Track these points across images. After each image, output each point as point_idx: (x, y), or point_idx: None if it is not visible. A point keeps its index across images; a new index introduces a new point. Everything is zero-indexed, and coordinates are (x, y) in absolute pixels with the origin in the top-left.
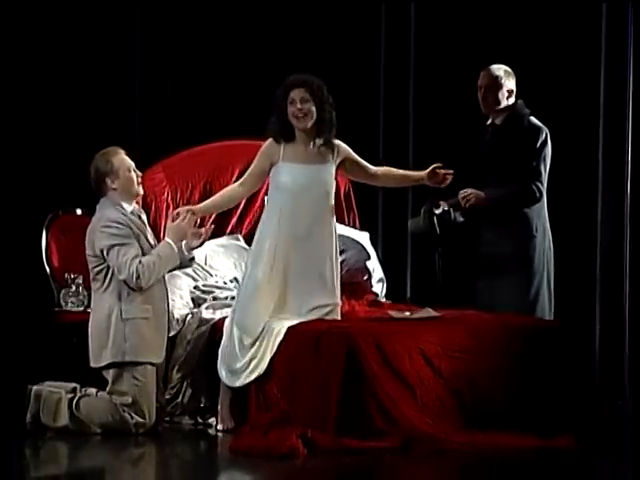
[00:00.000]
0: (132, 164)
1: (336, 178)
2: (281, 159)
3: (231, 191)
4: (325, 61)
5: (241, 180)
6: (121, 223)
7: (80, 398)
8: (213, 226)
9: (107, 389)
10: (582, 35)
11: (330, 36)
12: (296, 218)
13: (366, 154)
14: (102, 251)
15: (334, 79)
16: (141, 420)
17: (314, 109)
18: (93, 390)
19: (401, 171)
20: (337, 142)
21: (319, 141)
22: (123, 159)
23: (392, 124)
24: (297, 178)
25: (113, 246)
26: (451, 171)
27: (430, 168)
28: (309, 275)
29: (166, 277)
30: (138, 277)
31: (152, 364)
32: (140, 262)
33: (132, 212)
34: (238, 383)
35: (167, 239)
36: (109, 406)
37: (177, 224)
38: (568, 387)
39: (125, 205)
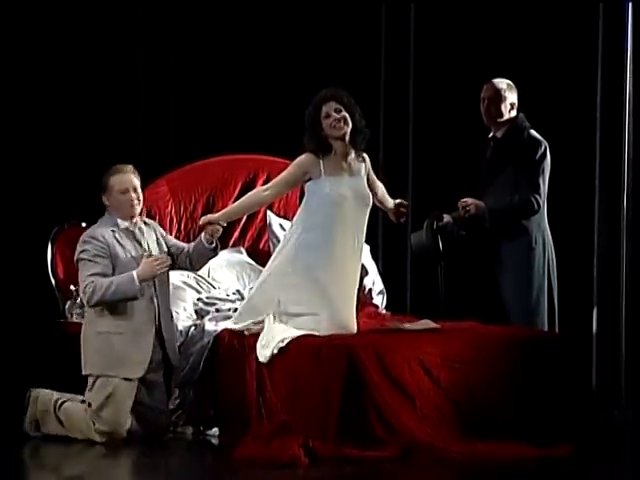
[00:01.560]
0: (132, 184)
1: None
2: (323, 174)
3: (256, 196)
4: (325, 68)
5: (268, 186)
6: (98, 240)
7: (63, 403)
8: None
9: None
10: (579, 47)
11: (331, 43)
12: (336, 235)
13: None
14: (76, 263)
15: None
16: (105, 429)
17: (348, 117)
18: (79, 397)
19: (386, 199)
20: (365, 155)
21: (354, 151)
22: (120, 179)
23: (392, 131)
24: (343, 189)
25: (81, 260)
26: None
27: (396, 202)
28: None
29: (162, 295)
30: (85, 293)
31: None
32: (93, 281)
33: (127, 228)
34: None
35: (134, 272)
36: (83, 413)
37: (149, 261)
38: (566, 397)
39: (120, 221)
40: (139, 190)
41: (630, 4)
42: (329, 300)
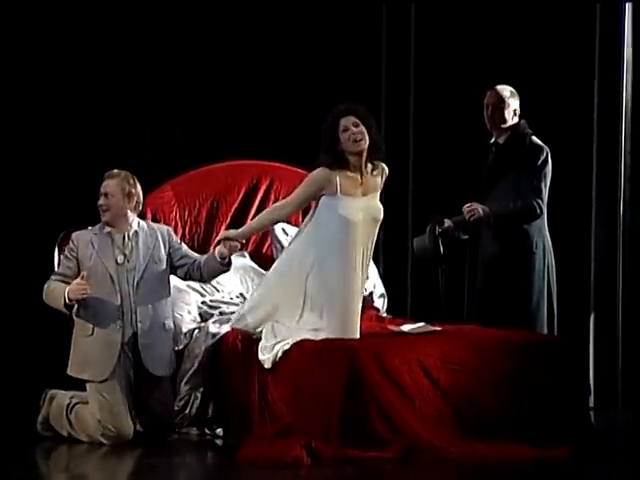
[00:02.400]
0: (105, 189)
1: None
2: (338, 191)
3: (273, 214)
4: (327, 74)
5: (284, 203)
6: (72, 242)
7: (75, 405)
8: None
9: None
10: (577, 55)
11: (332, 50)
12: (350, 252)
13: None
14: None
15: (335, 94)
16: (109, 433)
17: (366, 132)
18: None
19: None
20: (383, 165)
21: (371, 166)
22: (104, 184)
23: (393, 135)
24: (356, 212)
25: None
26: None
27: None
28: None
29: (148, 301)
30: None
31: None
32: (47, 283)
33: (108, 233)
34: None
35: (67, 287)
36: (92, 418)
37: (75, 283)
38: (564, 399)
39: (106, 226)
40: (114, 196)
41: (627, 6)
42: (337, 312)
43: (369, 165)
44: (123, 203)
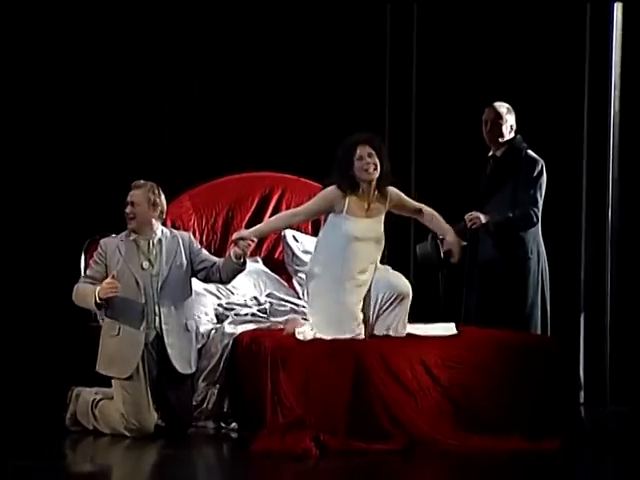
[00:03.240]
0: (130, 199)
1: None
2: (345, 211)
3: (285, 219)
4: (334, 94)
5: (296, 212)
6: (100, 248)
7: (100, 401)
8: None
9: None
10: (567, 70)
11: (338, 63)
12: (352, 265)
13: None
14: None
15: (342, 111)
16: (132, 427)
17: (379, 163)
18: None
19: (442, 224)
20: (389, 189)
21: (378, 193)
22: (130, 194)
23: (395, 148)
24: (359, 232)
25: None
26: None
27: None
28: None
29: (171, 303)
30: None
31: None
32: (77, 284)
33: (134, 240)
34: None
35: (98, 287)
36: (115, 412)
37: (104, 282)
38: (555, 395)
39: (132, 233)
40: (140, 205)
41: (615, 26)
42: (331, 329)
43: (377, 192)
44: (148, 212)
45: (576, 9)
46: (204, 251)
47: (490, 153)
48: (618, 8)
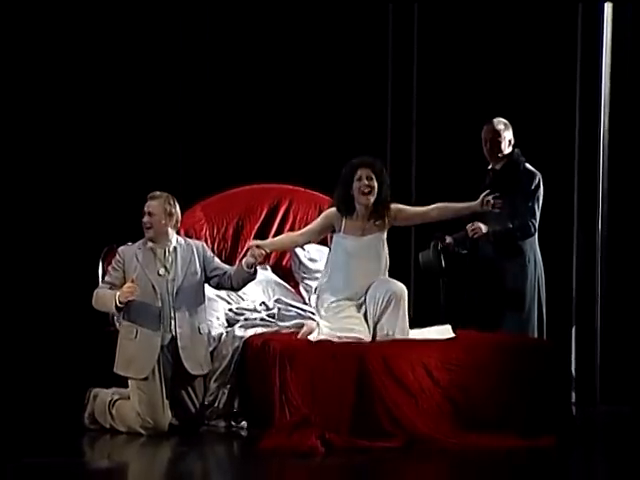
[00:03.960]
0: (147, 209)
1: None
2: (342, 231)
3: (292, 239)
4: (339, 110)
5: (302, 232)
6: (119, 255)
7: (116, 401)
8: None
9: None
10: (558, 85)
11: (340, 78)
12: (352, 280)
13: None
14: None
15: (344, 121)
16: (147, 425)
17: (376, 187)
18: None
19: (456, 205)
20: (391, 206)
21: (373, 218)
22: (147, 204)
23: (397, 162)
24: (354, 250)
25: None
26: (499, 200)
27: (480, 198)
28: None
29: (185, 307)
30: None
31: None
32: (97, 290)
33: (151, 248)
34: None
35: (118, 292)
36: (131, 411)
37: (126, 286)
38: (549, 395)
39: (149, 242)
40: (156, 215)
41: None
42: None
43: (373, 214)
44: (165, 221)
45: (567, 30)
46: (216, 259)
47: (490, 166)
48: (607, 30)
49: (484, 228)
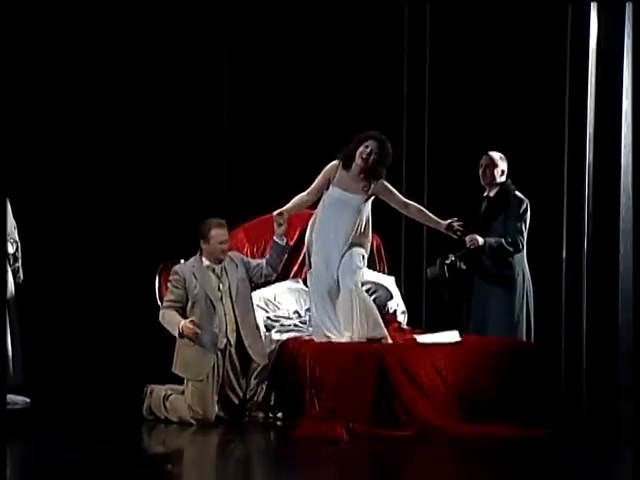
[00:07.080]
0: (224, 237)
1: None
2: (334, 182)
3: (304, 198)
4: (348, 109)
5: (309, 190)
6: (177, 274)
7: (170, 395)
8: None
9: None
10: (547, 114)
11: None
12: (322, 228)
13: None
14: None
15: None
16: (197, 417)
17: (375, 161)
18: (182, 389)
19: (430, 216)
20: (381, 182)
21: (362, 182)
22: (221, 232)
23: (410, 186)
24: (333, 200)
25: (167, 287)
26: (461, 228)
27: (448, 221)
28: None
29: (244, 312)
30: (159, 316)
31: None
32: (163, 309)
33: (207, 266)
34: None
35: (183, 321)
36: (183, 404)
37: (190, 322)
38: (541, 391)
39: (205, 260)
40: (228, 242)
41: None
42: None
43: (363, 180)
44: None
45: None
46: (252, 260)
47: (485, 193)
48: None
49: (480, 240)
